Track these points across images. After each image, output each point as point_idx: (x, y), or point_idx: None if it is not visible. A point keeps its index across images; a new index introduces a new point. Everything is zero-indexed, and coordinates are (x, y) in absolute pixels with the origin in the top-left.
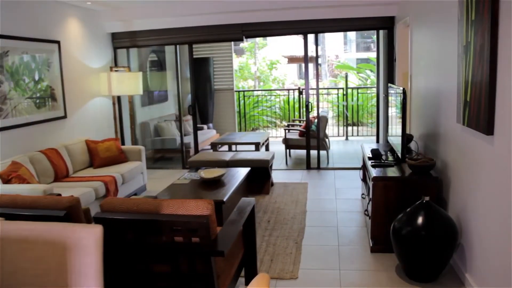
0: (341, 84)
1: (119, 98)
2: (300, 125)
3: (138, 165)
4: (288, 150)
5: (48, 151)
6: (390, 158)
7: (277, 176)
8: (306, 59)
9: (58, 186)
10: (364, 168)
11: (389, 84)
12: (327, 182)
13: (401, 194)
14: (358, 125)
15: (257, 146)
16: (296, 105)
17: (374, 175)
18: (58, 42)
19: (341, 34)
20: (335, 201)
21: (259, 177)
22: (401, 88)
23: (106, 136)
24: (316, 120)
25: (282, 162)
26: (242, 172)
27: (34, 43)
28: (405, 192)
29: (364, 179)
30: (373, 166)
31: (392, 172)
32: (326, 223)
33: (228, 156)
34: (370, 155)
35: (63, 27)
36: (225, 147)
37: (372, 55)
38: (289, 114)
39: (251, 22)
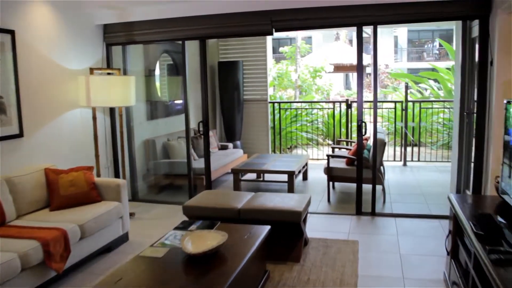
0: (391, 97)
1: (112, 109)
2: (347, 149)
3: (113, 208)
4: (331, 182)
5: None
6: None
7: (314, 225)
8: (360, 62)
9: None
10: (455, 235)
11: (509, 100)
12: (387, 241)
13: None
14: (418, 146)
15: (291, 176)
16: (343, 120)
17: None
18: (11, 32)
19: (391, 41)
20: (403, 283)
21: (287, 234)
22: None
23: (90, 162)
24: (369, 143)
25: (323, 198)
26: (257, 235)
27: None
28: None
29: (454, 255)
30: (491, 256)
31: None
32: None
33: (241, 201)
34: (477, 228)
35: (20, 12)
36: (251, 174)
37: (430, 64)
38: (334, 130)
39: (283, 8)
